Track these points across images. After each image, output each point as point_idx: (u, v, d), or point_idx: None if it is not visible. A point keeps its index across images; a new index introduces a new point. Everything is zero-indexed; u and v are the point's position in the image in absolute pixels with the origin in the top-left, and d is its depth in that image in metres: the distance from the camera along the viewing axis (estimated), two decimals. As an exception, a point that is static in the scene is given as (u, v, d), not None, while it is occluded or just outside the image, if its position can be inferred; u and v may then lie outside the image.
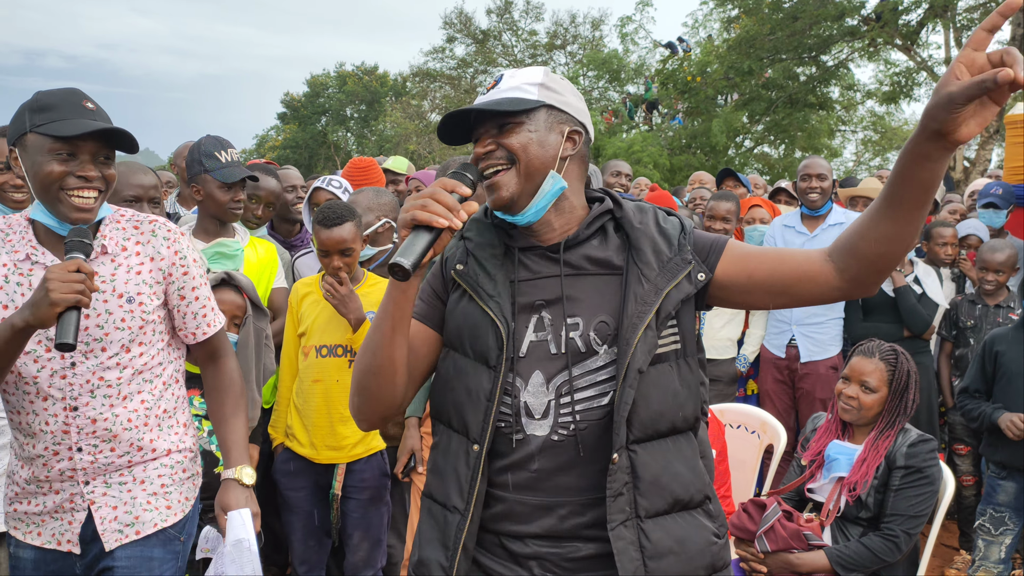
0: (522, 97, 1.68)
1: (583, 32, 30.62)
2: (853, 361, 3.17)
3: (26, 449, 2.17)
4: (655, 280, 1.65)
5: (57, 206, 2.04)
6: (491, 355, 1.67)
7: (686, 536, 1.65)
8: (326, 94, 40.40)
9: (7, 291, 2.07)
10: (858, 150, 28.19)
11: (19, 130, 2.04)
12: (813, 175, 4.96)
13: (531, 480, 1.66)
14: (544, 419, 1.66)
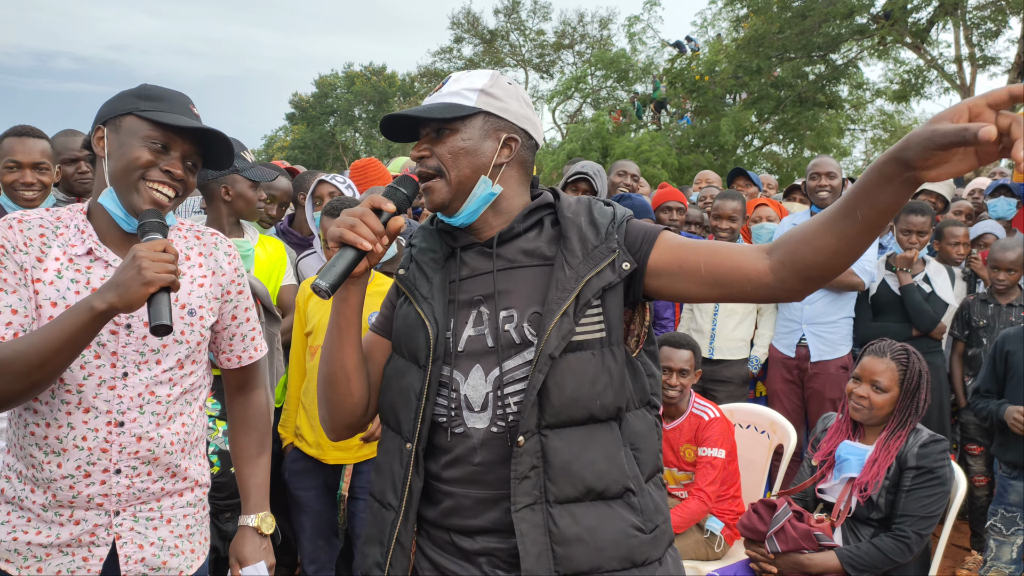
0: (459, 103, 1.70)
1: (591, 31, 30.65)
2: (864, 361, 3.14)
3: (45, 469, 1.89)
4: (577, 267, 1.65)
5: (131, 195, 1.88)
6: (420, 354, 1.70)
7: (597, 525, 1.62)
8: (334, 94, 40.51)
9: (58, 287, 1.87)
10: (868, 149, 28.10)
11: (117, 110, 1.92)
12: (822, 173, 4.94)
13: (474, 473, 1.67)
14: (483, 411, 1.66)
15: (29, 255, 1.85)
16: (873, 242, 1.49)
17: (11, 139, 3.47)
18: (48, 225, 1.90)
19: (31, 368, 1.72)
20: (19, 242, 1.85)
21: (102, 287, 1.73)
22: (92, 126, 1.95)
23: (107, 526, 1.94)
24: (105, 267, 1.91)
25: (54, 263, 1.87)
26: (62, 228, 1.91)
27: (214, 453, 3.01)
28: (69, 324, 1.71)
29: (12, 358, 1.72)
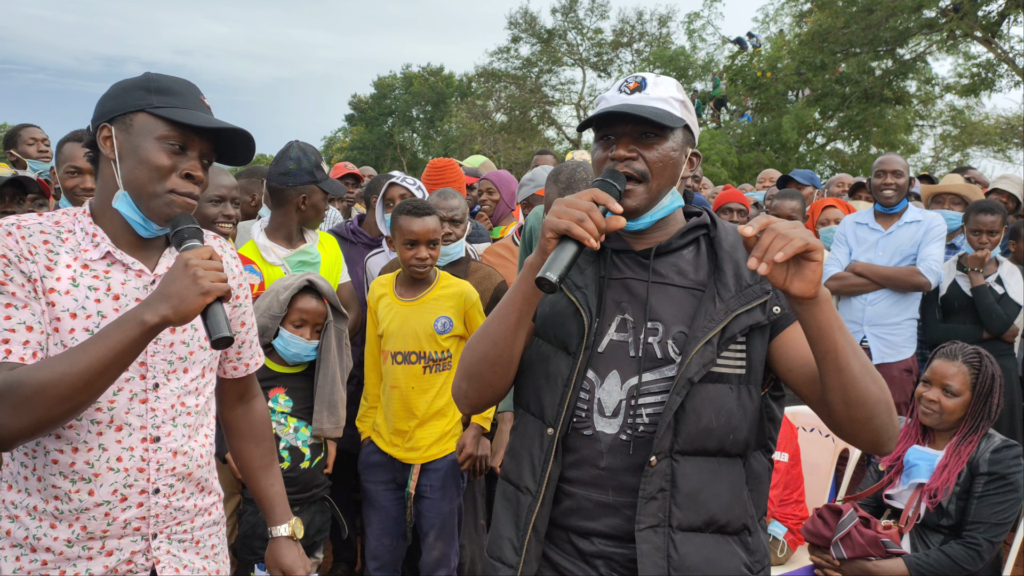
0: (671, 112, 1.69)
1: (649, 29, 30.38)
2: (935, 364, 3.08)
3: (74, 499, 1.71)
4: (728, 301, 1.67)
5: (152, 202, 1.73)
6: (571, 342, 1.71)
7: (716, 559, 1.64)
8: (392, 95, 40.91)
9: (76, 296, 1.69)
10: (936, 145, 27.34)
11: (125, 106, 1.73)
12: (888, 171, 4.83)
13: (598, 477, 1.68)
14: (614, 418, 1.68)
15: (37, 264, 1.67)
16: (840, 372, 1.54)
17: (71, 144, 3.52)
18: (50, 230, 1.72)
19: (74, 391, 1.55)
20: (23, 250, 1.66)
21: (150, 299, 1.61)
22: (93, 123, 1.77)
23: (144, 551, 1.80)
24: (124, 271, 1.76)
25: (66, 271, 1.70)
26: (65, 233, 1.74)
27: (285, 449, 3.09)
28: (116, 341, 1.57)
29: (52, 382, 1.54)
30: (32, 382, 1.53)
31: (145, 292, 1.77)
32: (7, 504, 1.73)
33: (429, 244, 3.26)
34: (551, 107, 32.16)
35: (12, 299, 1.62)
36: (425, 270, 3.29)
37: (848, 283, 4.76)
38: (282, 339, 3.10)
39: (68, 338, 1.67)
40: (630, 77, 1.76)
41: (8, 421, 1.53)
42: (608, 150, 1.73)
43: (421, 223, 3.23)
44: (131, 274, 1.77)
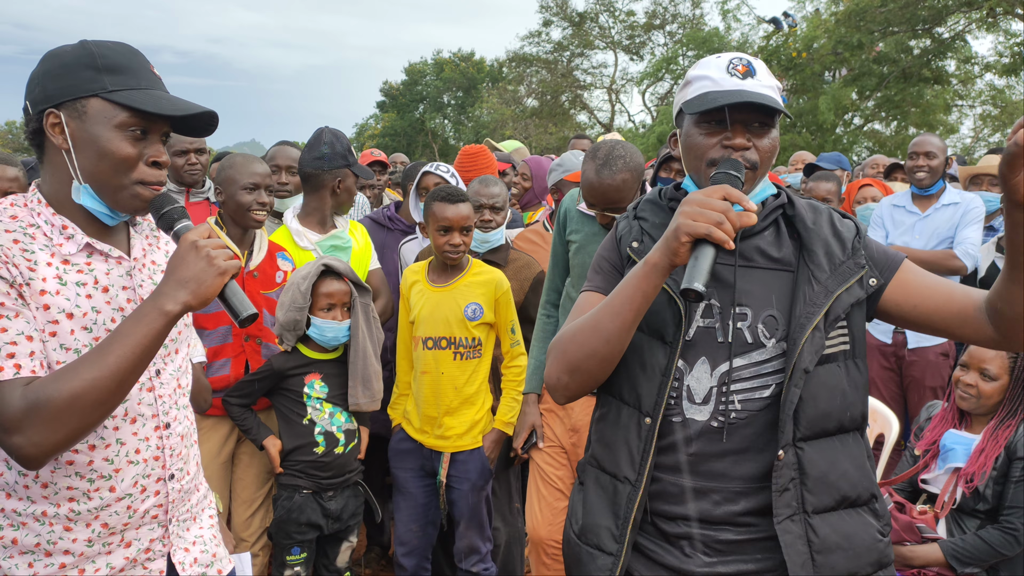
0: (778, 100, 1.68)
1: (682, 11, 30.07)
2: (972, 348, 3.03)
3: (93, 498, 1.65)
4: (826, 283, 1.67)
5: (119, 194, 1.62)
6: (667, 331, 1.71)
7: (853, 532, 1.68)
8: (424, 82, 40.96)
9: (67, 295, 1.59)
10: (976, 126, 26.80)
11: (74, 90, 1.57)
12: (921, 153, 4.77)
13: (686, 463, 1.70)
14: (705, 405, 1.69)
15: (17, 267, 1.53)
16: None
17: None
18: (14, 228, 1.58)
19: (108, 395, 1.49)
20: (1, 256, 1.53)
21: (165, 287, 1.54)
22: (34, 106, 1.60)
23: (161, 538, 1.77)
24: (105, 260, 1.67)
25: (48, 269, 1.58)
26: (30, 228, 1.60)
27: (320, 434, 3.13)
28: (142, 336, 1.51)
29: (84, 389, 1.47)
30: (61, 395, 1.45)
31: (127, 279, 1.70)
32: (8, 513, 1.62)
33: (463, 231, 3.28)
34: (583, 91, 32.00)
35: (2, 310, 1.50)
36: (458, 256, 3.31)
37: (884, 266, 4.70)
38: (315, 327, 3.13)
39: (69, 340, 1.58)
40: (734, 59, 1.71)
41: (42, 438, 1.45)
42: (717, 137, 1.70)
43: (455, 209, 3.25)
44: (112, 262, 1.69)
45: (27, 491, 1.61)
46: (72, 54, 1.59)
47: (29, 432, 1.45)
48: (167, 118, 1.63)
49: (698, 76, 1.73)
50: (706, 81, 1.70)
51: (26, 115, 1.62)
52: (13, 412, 1.45)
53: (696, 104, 1.68)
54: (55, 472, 1.61)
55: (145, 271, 1.75)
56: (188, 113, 1.60)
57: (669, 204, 1.85)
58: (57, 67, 1.59)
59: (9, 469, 1.61)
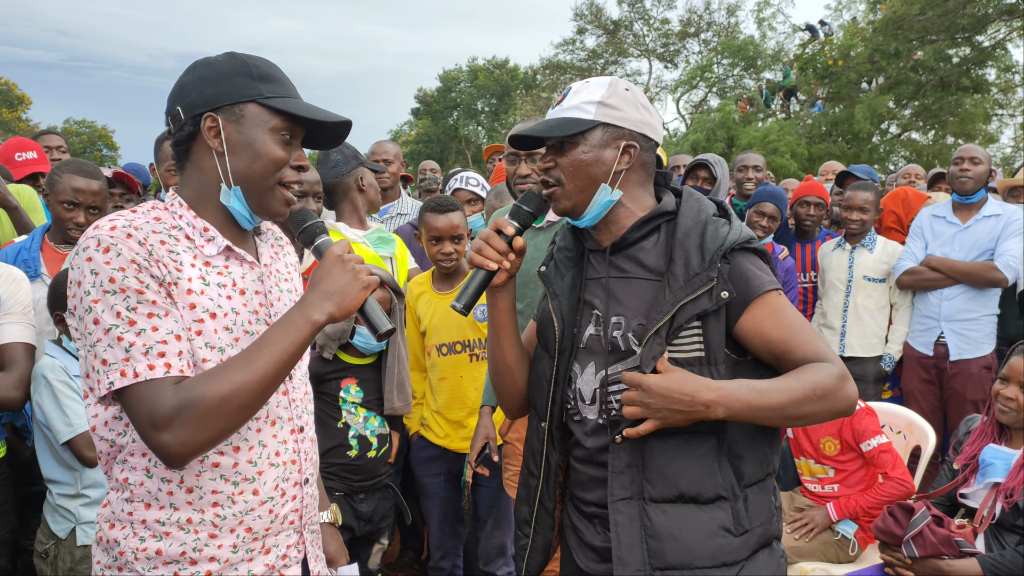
0: (578, 118, 1.82)
1: (717, 19, 29.94)
2: (1013, 360, 2.99)
3: (238, 501, 1.67)
4: (676, 291, 1.76)
5: (266, 197, 1.68)
6: (550, 346, 1.93)
7: (688, 526, 1.76)
8: (458, 88, 41.14)
9: (210, 295, 1.63)
10: (1017, 135, 26.34)
11: (233, 95, 1.63)
12: (966, 158, 4.69)
13: (588, 455, 1.90)
14: (593, 404, 1.88)
15: (166, 267, 1.57)
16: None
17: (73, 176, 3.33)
18: (160, 230, 1.62)
19: (253, 399, 1.53)
20: (149, 254, 1.56)
21: (312, 297, 1.60)
22: (189, 110, 1.64)
23: (296, 544, 1.79)
24: (241, 264, 1.72)
25: (192, 270, 1.62)
26: (174, 232, 1.64)
27: (354, 437, 3.16)
28: (289, 343, 1.56)
29: (232, 393, 1.50)
30: (211, 396, 1.49)
31: (259, 284, 1.74)
32: (151, 524, 1.62)
33: (453, 239, 3.37)
34: (616, 99, 31.91)
35: (153, 308, 1.53)
36: (451, 264, 3.40)
37: (923, 278, 4.64)
38: (360, 335, 3.17)
39: (214, 338, 1.61)
40: (567, 88, 1.91)
41: (189, 438, 1.48)
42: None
43: (445, 219, 3.35)
44: (246, 267, 1.73)
45: (171, 498, 1.62)
46: (227, 63, 1.66)
47: (178, 430, 1.47)
48: (309, 125, 1.70)
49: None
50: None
51: (176, 121, 1.66)
52: (164, 410, 1.47)
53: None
54: (200, 476, 1.63)
55: (273, 278, 1.80)
56: (335, 120, 1.70)
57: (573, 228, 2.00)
58: (213, 74, 1.65)
59: (150, 478, 1.62)
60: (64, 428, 2.78)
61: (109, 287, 1.50)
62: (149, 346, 1.50)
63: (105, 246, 1.51)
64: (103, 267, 1.50)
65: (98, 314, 1.50)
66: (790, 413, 1.67)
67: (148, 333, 1.51)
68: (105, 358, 1.50)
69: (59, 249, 3.34)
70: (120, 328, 1.50)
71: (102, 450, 1.67)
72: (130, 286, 1.51)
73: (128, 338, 1.50)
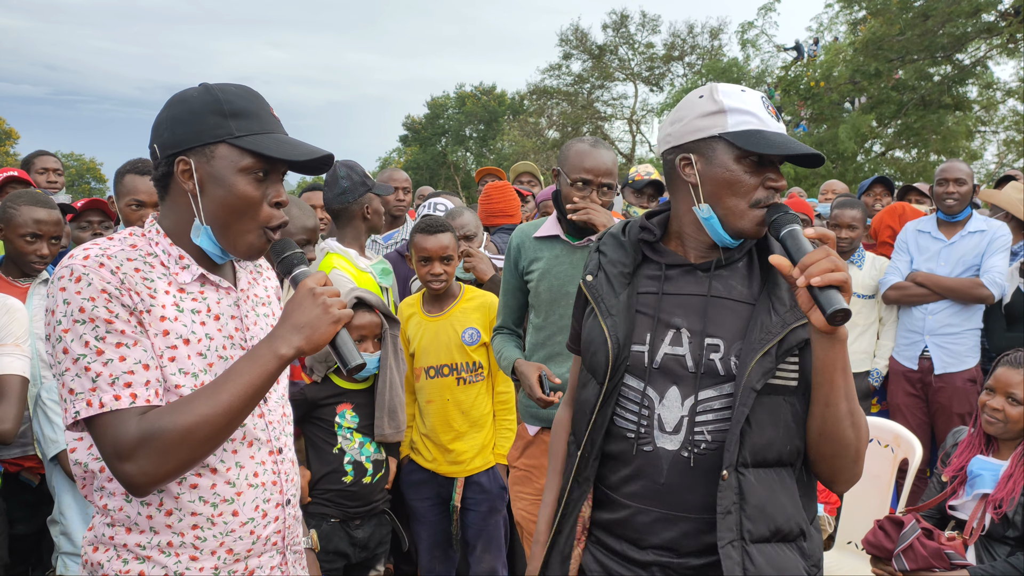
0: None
1: (701, 42, 30.26)
2: (999, 372, 3.02)
3: (218, 523, 1.67)
4: (784, 315, 1.67)
5: (239, 239, 1.67)
6: (599, 371, 1.78)
7: (784, 567, 1.66)
8: (446, 115, 41.38)
9: (184, 321, 1.63)
10: (1000, 151, 26.61)
11: (202, 136, 1.61)
12: (951, 179, 4.72)
13: (658, 492, 1.71)
14: (676, 434, 1.70)
15: (139, 294, 1.58)
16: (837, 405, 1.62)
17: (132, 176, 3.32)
18: (136, 257, 1.62)
19: (218, 431, 1.54)
20: (120, 283, 1.56)
21: (280, 330, 1.60)
22: (164, 152, 1.64)
23: (280, 565, 1.79)
24: (216, 291, 1.72)
25: (167, 297, 1.62)
26: (150, 259, 1.65)
27: (349, 463, 3.16)
28: (255, 376, 1.56)
29: (196, 425, 1.51)
30: (175, 428, 1.49)
31: (235, 308, 1.75)
32: (132, 547, 1.63)
33: (442, 260, 3.38)
34: (603, 122, 32.20)
35: (122, 337, 1.53)
36: (441, 286, 3.40)
37: (909, 293, 4.69)
38: None
39: (187, 364, 1.62)
40: (763, 97, 1.74)
41: (153, 468, 1.49)
42: (759, 176, 1.70)
43: (434, 240, 3.36)
44: (222, 292, 1.73)
45: (150, 522, 1.63)
46: (199, 100, 1.63)
47: (141, 461, 1.49)
48: (288, 161, 1.66)
49: (738, 108, 1.70)
50: (751, 117, 1.69)
51: (154, 158, 1.67)
52: (127, 440, 1.48)
53: (757, 142, 1.66)
54: (179, 497, 1.63)
55: (249, 302, 1.80)
56: (310, 158, 1.65)
57: (633, 241, 1.84)
58: (185, 112, 1.63)
59: (128, 502, 1.63)
60: (51, 444, 2.83)
61: (79, 316, 1.51)
62: (116, 376, 1.51)
63: (77, 275, 1.52)
64: (74, 297, 1.51)
65: (67, 343, 1.51)
66: (842, 415, 1.62)
67: (115, 363, 1.52)
68: (73, 387, 1.51)
69: (17, 283, 3.26)
70: (88, 358, 1.51)
71: (78, 475, 1.68)
72: (99, 316, 1.51)
73: (95, 368, 1.51)
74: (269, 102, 1.72)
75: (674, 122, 1.77)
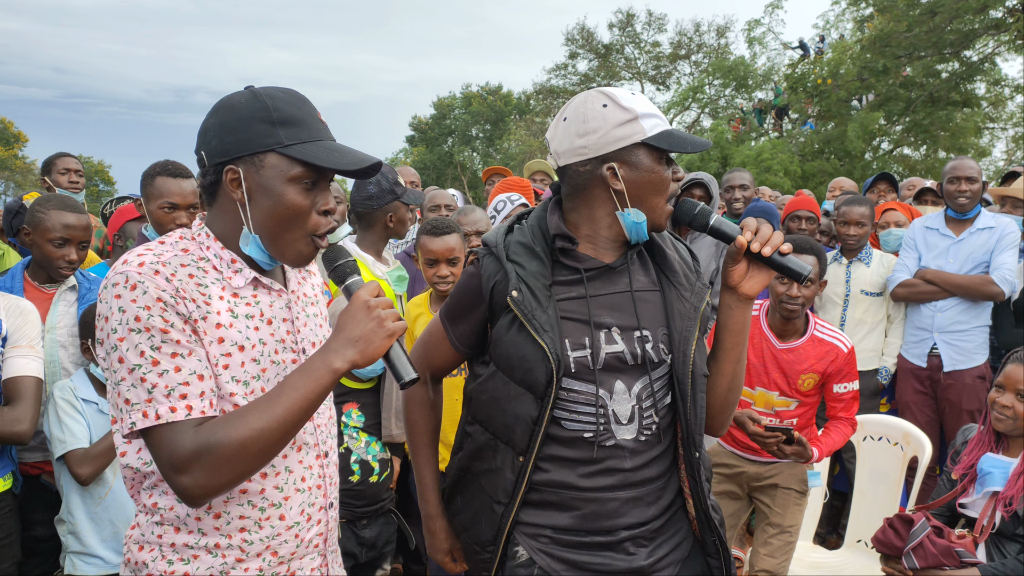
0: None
1: (707, 41, 30.20)
2: (1008, 369, 3.00)
3: (264, 526, 1.68)
4: (691, 299, 1.91)
5: (288, 248, 1.65)
6: (538, 387, 1.82)
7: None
8: (452, 115, 41.40)
9: (239, 327, 1.62)
10: (1009, 148, 26.48)
11: (251, 145, 1.59)
12: (962, 177, 4.67)
13: (624, 478, 1.88)
14: (630, 424, 1.87)
15: (195, 302, 1.57)
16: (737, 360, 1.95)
17: (164, 179, 3.36)
18: (189, 263, 1.61)
19: (272, 445, 1.53)
20: (176, 290, 1.55)
21: (335, 343, 1.58)
22: (213, 160, 1.62)
23: (320, 567, 1.81)
24: (269, 293, 1.71)
25: (221, 303, 1.61)
26: (202, 263, 1.63)
27: (356, 463, 3.16)
28: (309, 390, 1.55)
29: (251, 438, 1.50)
30: (231, 441, 1.49)
31: (286, 311, 1.74)
32: (179, 547, 1.64)
33: (449, 262, 3.38)
34: (609, 122, 32.10)
35: (177, 347, 1.53)
36: (447, 287, 3.39)
37: (918, 290, 4.66)
38: None
39: (240, 372, 1.62)
40: (643, 97, 1.84)
41: (207, 481, 1.49)
42: (672, 172, 1.87)
43: (441, 242, 3.37)
44: (273, 295, 1.72)
45: (199, 523, 1.64)
46: (247, 106, 1.60)
47: (197, 474, 1.49)
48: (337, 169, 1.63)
49: (646, 113, 1.81)
50: (656, 119, 1.81)
51: (201, 165, 1.65)
52: (183, 453, 1.49)
53: (673, 142, 1.80)
54: (228, 502, 1.64)
55: (299, 303, 1.79)
56: (360, 167, 1.63)
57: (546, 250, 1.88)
58: (233, 120, 1.60)
59: (179, 503, 1.62)
60: (59, 443, 2.84)
61: (135, 325, 1.50)
62: (171, 388, 1.51)
63: (132, 283, 1.51)
64: (130, 305, 1.51)
65: (123, 353, 1.51)
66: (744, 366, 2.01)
67: (171, 374, 1.52)
68: (128, 397, 1.51)
69: (44, 288, 3.23)
70: (143, 368, 1.50)
71: (127, 476, 1.69)
72: (155, 325, 1.51)
73: (151, 379, 1.50)
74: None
75: (585, 134, 1.81)
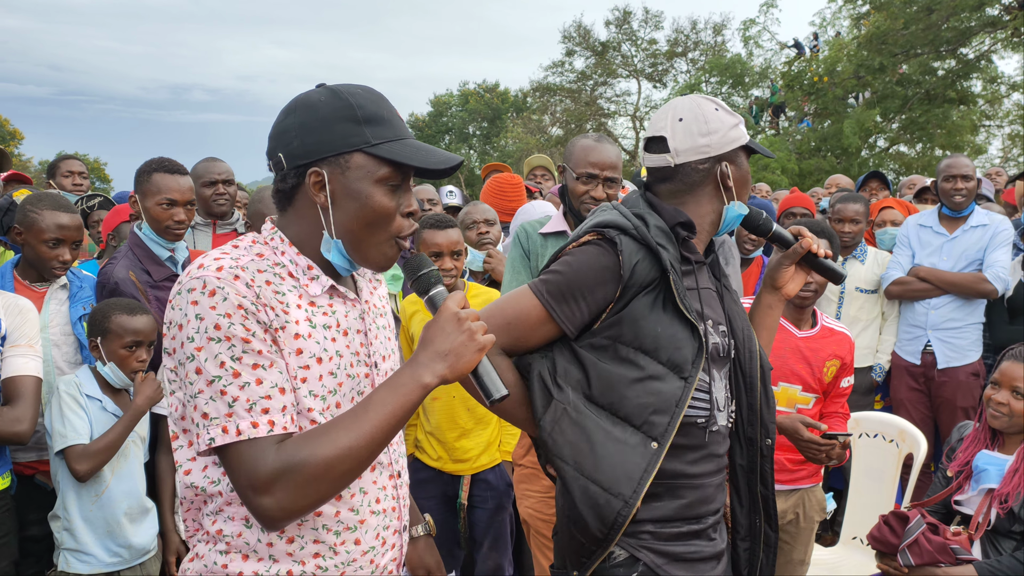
0: None
1: (704, 38, 30.20)
2: (1004, 366, 3.00)
3: (340, 552, 1.57)
4: (739, 300, 2.08)
5: (371, 250, 1.57)
6: (686, 367, 1.86)
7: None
8: (449, 113, 41.39)
9: (317, 338, 1.53)
10: (1005, 146, 26.52)
11: (336, 145, 1.51)
12: (958, 175, 4.67)
13: (719, 463, 1.98)
14: (724, 411, 1.98)
15: (274, 310, 1.47)
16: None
17: (162, 175, 3.33)
18: (265, 268, 1.51)
19: (359, 464, 1.45)
20: (256, 297, 1.45)
21: (423, 357, 1.50)
22: (291, 160, 1.53)
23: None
24: (344, 303, 1.62)
25: (299, 312, 1.51)
26: (278, 269, 1.54)
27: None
28: (398, 406, 1.47)
29: (339, 457, 1.41)
30: (316, 461, 1.40)
31: (360, 322, 1.65)
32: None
33: (453, 255, 3.36)
34: (607, 119, 32.13)
35: (259, 358, 1.43)
36: (451, 281, 3.38)
37: (911, 288, 4.67)
38: None
39: (317, 385, 1.52)
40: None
41: (290, 503, 1.39)
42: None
43: (444, 235, 3.34)
44: (348, 304, 1.63)
45: (270, 549, 1.52)
46: (329, 105, 1.52)
47: (279, 495, 1.39)
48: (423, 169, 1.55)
49: (739, 119, 2.01)
50: (743, 126, 2.01)
51: (279, 168, 1.55)
52: (266, 472, 1.39)
53: (758, 146, 2.04)
54: (302, 526, 1.53)
55: (371, 314, 1.70)
56: (448, 166, 1.55)
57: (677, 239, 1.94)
58: (314, 119, 1.51)
59: (248, 528, 1.51)
60: (59, 437, 2.81)
61: (214, 334, 1.40)
62: (253, 401, 1.41)
63: (211, 289, 1.41)
64: (208, 312, 1.41)
65: (201, 363, 1.41)
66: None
67: (252, 387, 1.41)
68: (206, 411, 1.41)
69: (34, 287, 3.17)
70: (223, 380, 1.40)
71: (188, 497, 1.56)
72: (236, 334, 1.41)
73: (232, 392, 1.40)
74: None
75: (708, 133, 1.94)
